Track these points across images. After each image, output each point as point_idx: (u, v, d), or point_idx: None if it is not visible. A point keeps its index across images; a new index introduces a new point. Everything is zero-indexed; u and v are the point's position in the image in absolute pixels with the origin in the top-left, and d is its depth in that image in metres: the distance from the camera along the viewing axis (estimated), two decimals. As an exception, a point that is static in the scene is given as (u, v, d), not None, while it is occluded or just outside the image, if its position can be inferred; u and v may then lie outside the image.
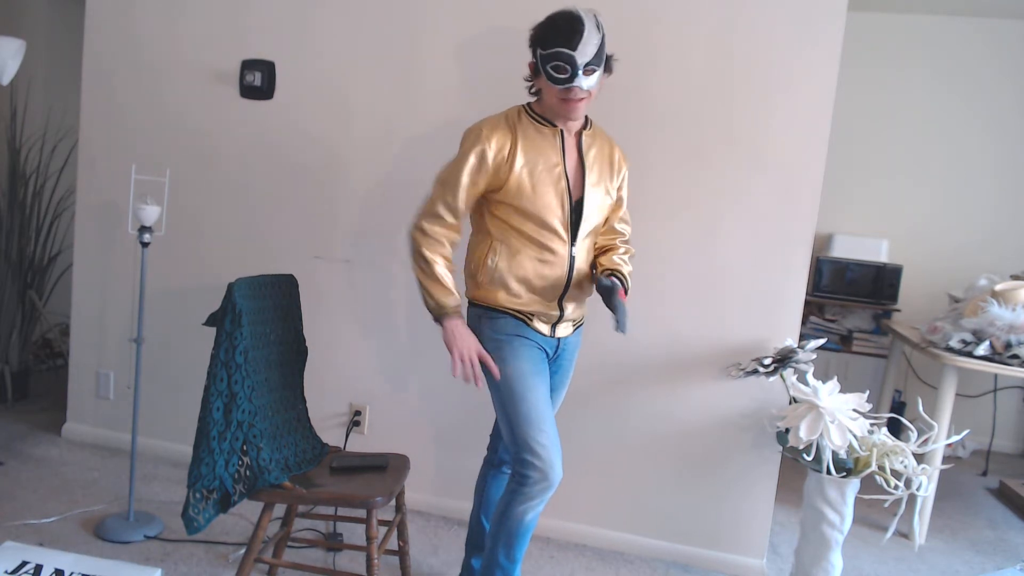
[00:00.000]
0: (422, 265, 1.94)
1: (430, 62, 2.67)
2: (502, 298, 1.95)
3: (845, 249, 4.23)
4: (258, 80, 2.79)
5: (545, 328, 2.00)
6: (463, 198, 1.91)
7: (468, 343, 1.93)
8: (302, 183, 2.83)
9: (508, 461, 2.11)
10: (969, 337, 2.96)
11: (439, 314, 1.95)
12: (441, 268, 1.93)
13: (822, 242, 4.35)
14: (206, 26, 2.87)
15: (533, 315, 1.97)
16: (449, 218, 1.93)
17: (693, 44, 2.47)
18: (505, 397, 1.93)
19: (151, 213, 2.44)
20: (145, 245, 2.46)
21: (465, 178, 1.90)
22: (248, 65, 2.81)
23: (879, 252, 4.20)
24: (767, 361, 2.33)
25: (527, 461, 1.88)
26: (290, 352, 2.25)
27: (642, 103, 2.50)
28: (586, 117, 2.02)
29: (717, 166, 2.48)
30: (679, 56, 2.48)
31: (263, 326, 2.11)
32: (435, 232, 1.93)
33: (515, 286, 1.94)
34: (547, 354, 2.03)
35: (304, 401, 2.30)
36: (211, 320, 2.02)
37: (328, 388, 2.82)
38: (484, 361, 1.93)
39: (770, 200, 2.46)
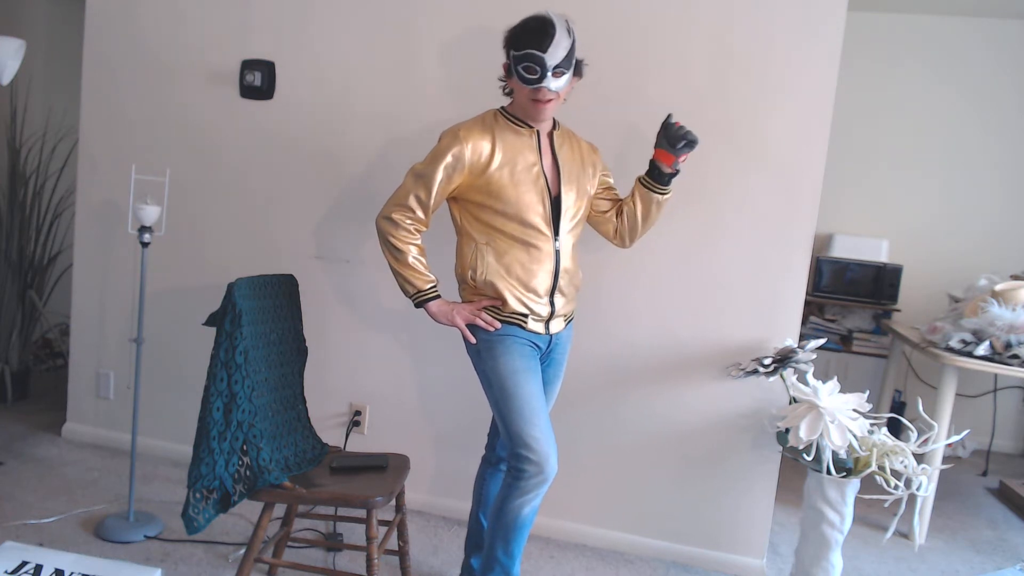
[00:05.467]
0: (395, 254, 1.99)
1: (430, 62, 2.67)
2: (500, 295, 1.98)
3: (845, 249, 4.23)
4: (258, 80, 2.79)
5: (539, 327, 2.03)
6: (436, 193, 1.96)
7: (461, 310, 2.00)
8: (302, 183, 2.83)
9: (506, 459, 2.11)
10: (969, 337, 2.96)
11: (420, 299, 2.00)
12: (414, 257, 1.98)
13: (822, 242, 4.35)
14: (206, 26, 2.87)
15: (527, 316, 1.99)
16: (419, 212, 1.98)
17: (693, 44, 2.47)
18: (498, 394, 1.96)
19: (151, 213, 2.44)
20: (145, 245, 2.46)
21: (440, 174, 1.94)
22: (248, 65, 2.81)
23: (879, 252, 4.20)
24: (767, 361, 2.33)
25: (522, 455, 1.90)
26: (290, 352, 2.25)
27: (641, 103, 2.50)
28: (553, 119, 2.08)
29: (717, 166, 2.48)
30: (679, 56, 2.48)
31: (263, 326, 2.11)
32: (404, 223, 1.97)
33: (506, 285, 1.97)
34: (540, 351, 2.06)
35: (304, 401, 2.30)
36: (211, 320, 2.02)
37: (328, 388, 2.82)
38: (477, 318, 2.00)
39: (770, 200, 2.46)
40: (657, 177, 2.11)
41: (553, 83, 1.90)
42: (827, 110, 2.41)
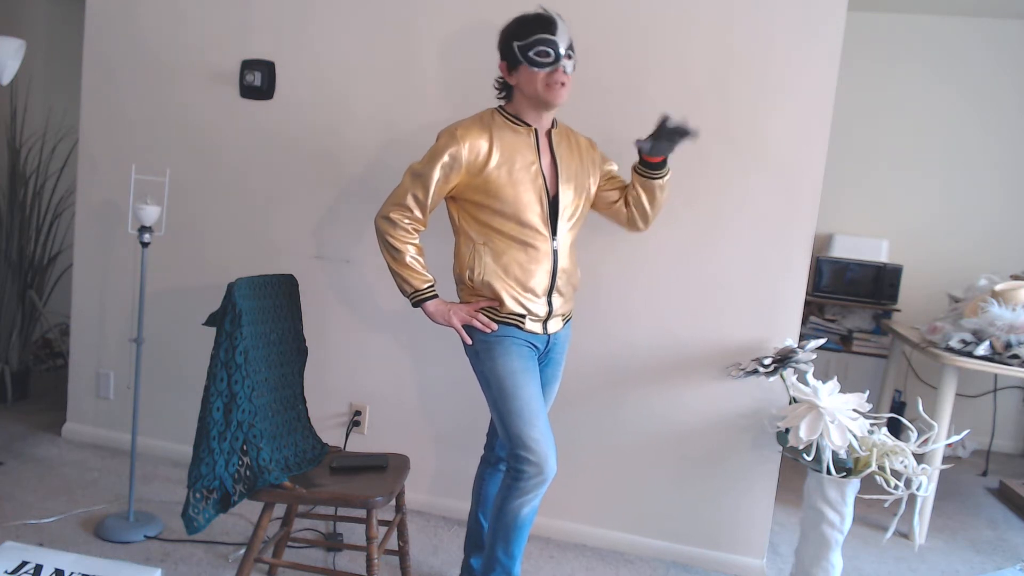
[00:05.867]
0: (393, 254, 1.99)
1: (430, 62, 2.67)
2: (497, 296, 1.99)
3: (845, 249, 4.23)
4: (258, 80, 2.79)
5: (537, 327, 2.02)
6: (433, 193, 1.96)
7: (458, 311, 2.00)
8: (302, 183, 2.83)
9: (503, 457, 2.12)
10: (969, 337, 2.96)
11: (417, 299, 2.01)
12: (412, 257, 1.99)
13: (822, 242, 4.35)
14: (206, 26, 2.87)
15: (524, 316, 1.99)
16: (416, 211, 1.98)
17: (693, 44, 2.47)
18: (497, 395, 1.96)
19: (151, 213, 2.44)
20: (145, 245, 2.46)
21: (437, 173, 1.95)
22: (248, 65, 2.81)
23: (879, 252, 4.20)
24: (767, 361, 2.33)
25: (521, 456, 1.91)
26: (290, 352, 2.25)
27: (641, 103, 2.50)
28: (552, 118, 2.08)
29: (717, 166, 2.48)
30: (679, 56, 2.48)
31: (263, 326, 2.11)
32: (402, 222, 1.98)
33: (504, 285, 1.97)
34: (538, 351, 2.06)
35: (304, 401, 2.30)
36: (211, 320, 2.02)
37: (328, 388, 2.82)
38: (474, 319, 2.00)
39: (770, 200, 2.46)
40: (650, 165, 2.09)
41: (568, 65, 1.93)
42: (827, 110, 2.41)
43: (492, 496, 2.19)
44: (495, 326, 1.98)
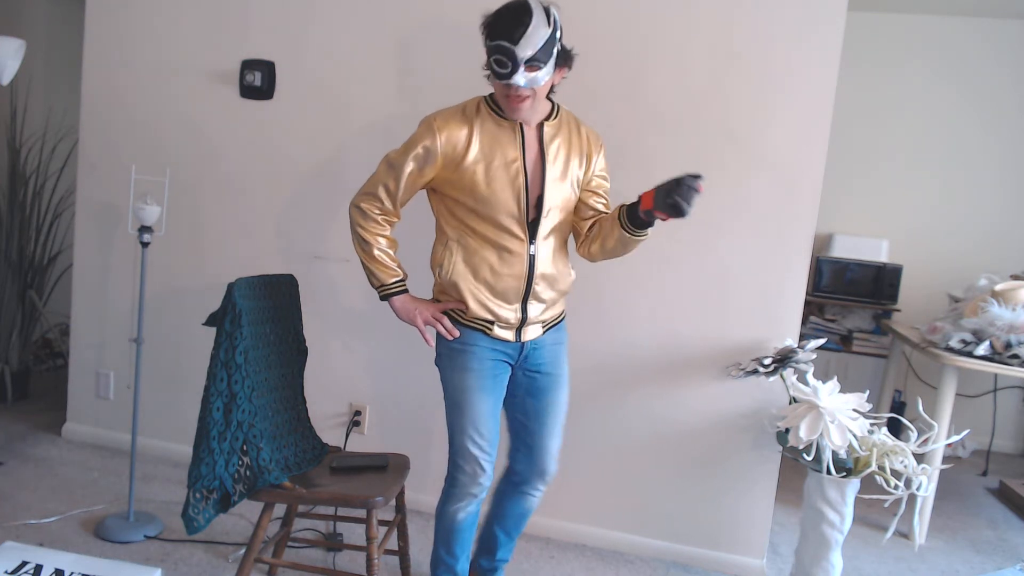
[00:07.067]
0: (362, 245, 1.92)
1: (430, 61, 2.67)
2: (462, 299, 1.90)
3: (845, 249, 4.23)
4: (258, 80, 2.79)
5: (507, 334, 1.92)
6: (404, 185, 1.86)
7: (423, 311, 1.94)
8: (302, 183, 2.83)
9: (520, 472, 2.08)
10: (969, 337, 2.96)
11: (383, 294, 1.95)
12: (380, 250, 1.91)
13: (822, 242, 4.35)
14: (206, 26, 2.87)
15: (493, 323, 1.91)
16: (387, 203, 1.89)
17: (693, 44, 2.47)
18: (450, 404, 1.97)
19: (151, 213, 2.44)
20: (145, 245, 2.46)
21: (410, 164, 1.84)
22: (248, 65, 2.81)
23: (879, 252, 4.20)
24: (767, 361, 2.33)
25: (458, 465, 1.95)
26: (290, 352, 2.25)
27: (642, 104, 2.50)
28: (553, 104, 1.91)
29: (717, 166, 2.47)
30: (679, 56, 2.48)
31: (263, 326, 2.11)
32: (372, 213, 1.90)
33: (470, 287, 1.88)
34: (511, 360, 1.96)
35: (304, 401, 2.30)
36: (211, 320, 2.02)
37: (328, 388, 2.82)
38: (440, 321, 1.93)
39: (770, 200, 2.46)
40: (632, 218, 1.82)
41: (524, 78, 1.70)
42: (827, 110, 2.41)
43: (509, 511, 2.14)
44: (457, 333, 1.91)
